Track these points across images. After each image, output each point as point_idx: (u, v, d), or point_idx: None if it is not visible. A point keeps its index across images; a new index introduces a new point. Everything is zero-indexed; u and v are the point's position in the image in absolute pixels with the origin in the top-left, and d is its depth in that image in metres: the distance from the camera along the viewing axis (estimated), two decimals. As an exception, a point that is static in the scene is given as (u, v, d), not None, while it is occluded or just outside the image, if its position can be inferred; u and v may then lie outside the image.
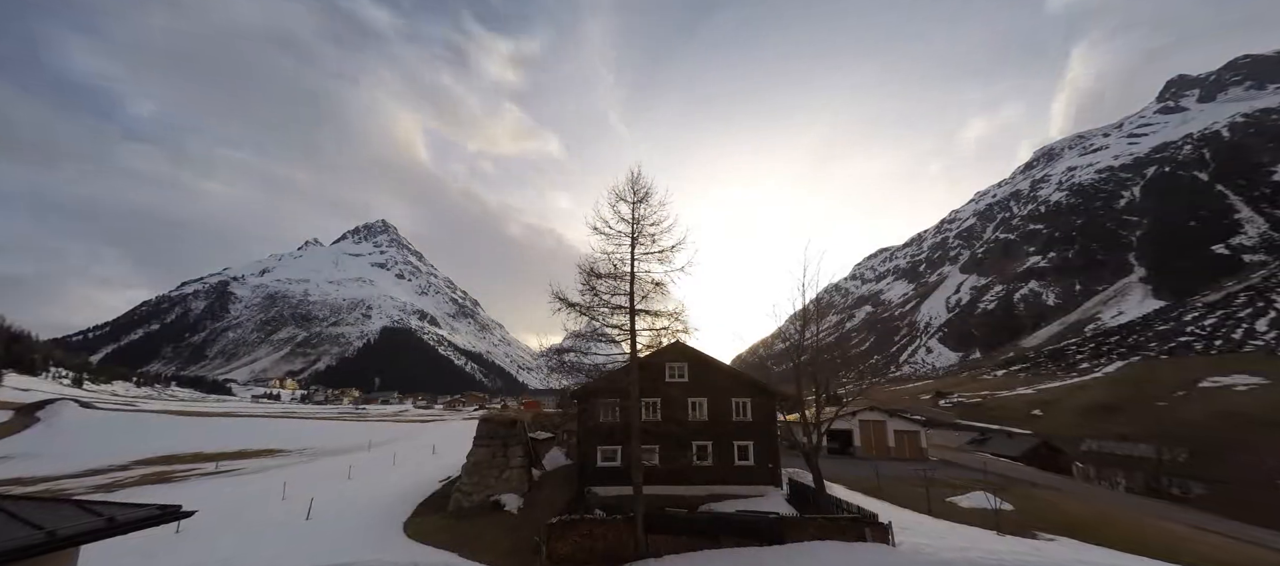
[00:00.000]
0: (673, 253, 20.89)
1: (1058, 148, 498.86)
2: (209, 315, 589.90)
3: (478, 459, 29.93)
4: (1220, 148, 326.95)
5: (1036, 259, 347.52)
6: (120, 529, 7.81)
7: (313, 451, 67.83)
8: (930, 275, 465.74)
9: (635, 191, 21.00)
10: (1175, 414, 76.53)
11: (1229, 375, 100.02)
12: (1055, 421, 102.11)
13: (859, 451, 49.81)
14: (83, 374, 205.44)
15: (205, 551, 22.81)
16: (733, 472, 28.64)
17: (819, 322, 26.32)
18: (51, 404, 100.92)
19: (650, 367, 24.97)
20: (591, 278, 20.86)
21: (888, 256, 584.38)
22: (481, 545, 22.24)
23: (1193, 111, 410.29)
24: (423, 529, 25.20)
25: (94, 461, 59.02)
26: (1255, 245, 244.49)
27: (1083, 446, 72.00)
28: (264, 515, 30.04)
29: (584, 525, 19.83)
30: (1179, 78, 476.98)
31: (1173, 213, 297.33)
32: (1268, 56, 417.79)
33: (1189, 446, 61.43)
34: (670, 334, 21.20)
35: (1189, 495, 53.51)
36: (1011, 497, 29.05)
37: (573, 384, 24.21)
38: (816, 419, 24.23)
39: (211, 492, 39.78)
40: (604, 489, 27.31)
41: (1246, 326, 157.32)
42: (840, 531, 19.62)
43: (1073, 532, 23.91)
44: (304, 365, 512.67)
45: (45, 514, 7.37)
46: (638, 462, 19.59)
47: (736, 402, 29.77)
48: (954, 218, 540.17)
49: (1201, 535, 26.24)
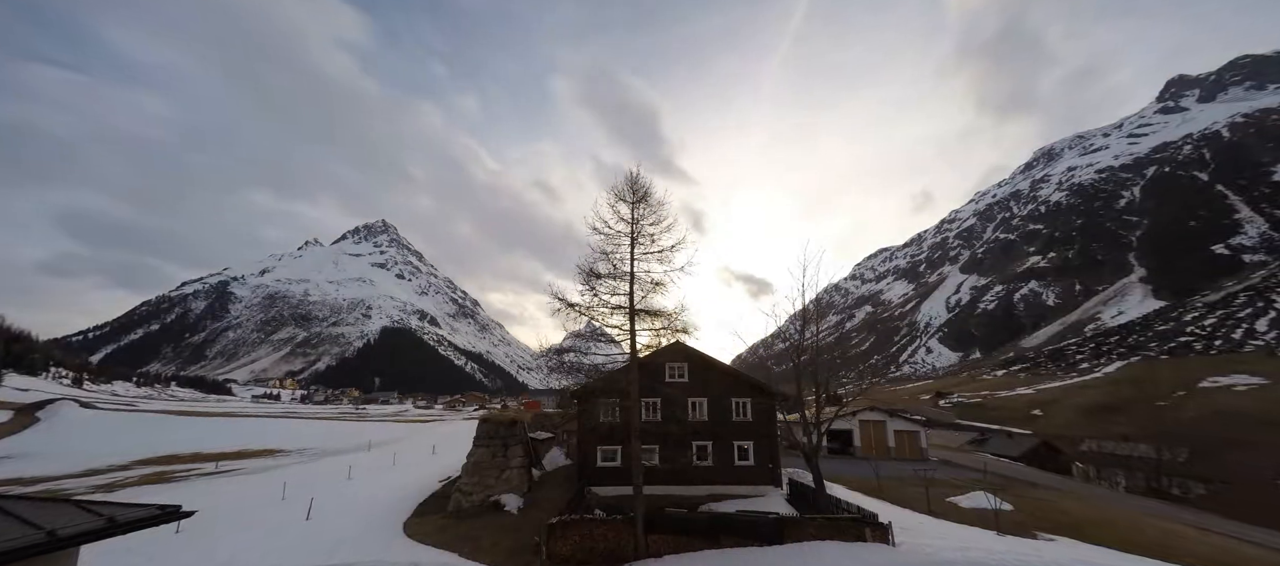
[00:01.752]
0: (672, 252, 20.85)
1: (1058, 148, 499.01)
2: (209, 315, 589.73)
3: (478, 459, 29.93)
4: (1220, 148, 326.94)
5: (1036, 259, 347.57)
6: (120, 529, 7.82)
7: (312, 451, 67.83)
8: (930, 275, 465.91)
9: (634, 191, 20.96)
10: (1175, 414, 76.55)
11: (1229, 375, 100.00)
12: (1055, 421, 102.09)
13: (859, 451, 49.79)
14: (83, 374, 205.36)
15: (205, 551, 22.80)
16: (733, 472, 28.63)
17: (819, 322, 26.30)
18: (51, 404, 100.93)
19: (650, 367, 24.97)
20: (591, 278, 20.81)
21: (888, 256, 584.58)
22: (481, 545, 22.23)
23: (1193, 111, 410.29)
24: (423, 529, 25.20)
25: (94, 461, 59.00)
26: (1255, 245, 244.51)
27: (1083, 446, 71.92)
28: (264, 515, 30.02)
29: (584, 525, 19.80)
30: (1179, 78, 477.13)
31: (1173, 213, 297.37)
32: (1268, 56, 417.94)
33: (1189, 446, 61.38)
34: (670, 334, 21.13)
35: (1189, 495, 53.48)
36: (1011, 498, 29.05)
37: (573, 384, 24.19)
38: (816, 419, 24.22)
39: (211, 492, 39.77)
40: (604, 489, 27.31)
41: (1246, 326, 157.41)
42: (840, 531, 19.60)
43: (1073, 533, 23.91)
44: (304, 365, 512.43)
45: (45, 514, 7.37)
46: (638, 462, 19.58)
47: (736, 402, 29.77)
48: (954, 217, 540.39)
49: (1202, 535, 26.24)
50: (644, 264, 20.82)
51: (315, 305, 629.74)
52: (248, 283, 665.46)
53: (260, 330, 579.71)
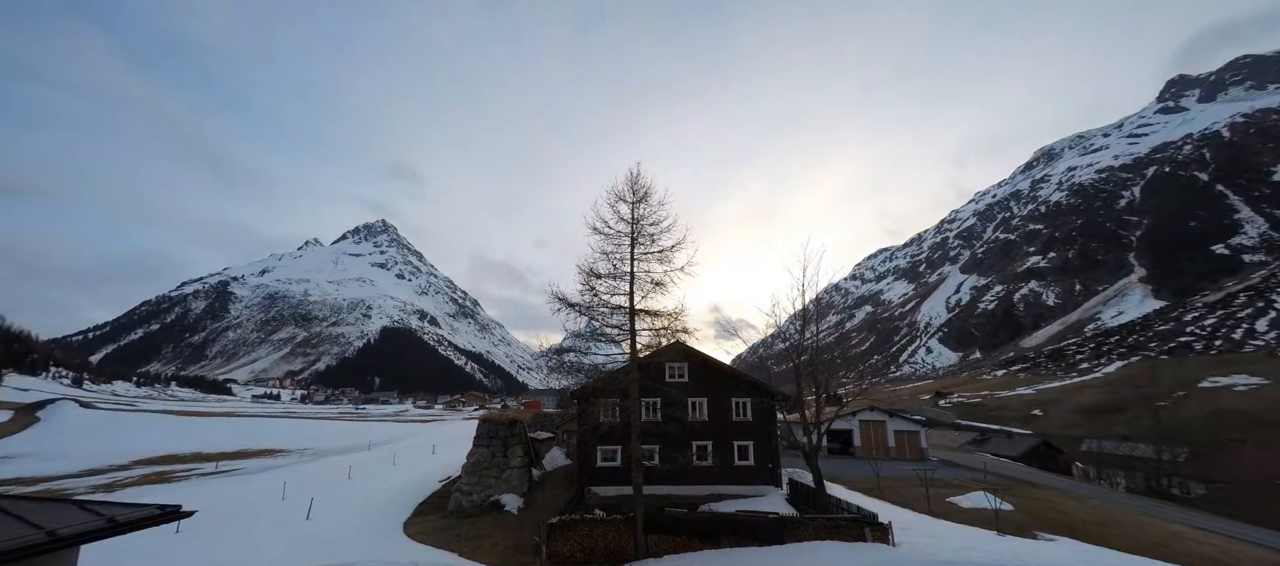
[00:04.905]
0: (672, 252, 20.81)
1: (1058, 148, 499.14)
2: (209, 315, 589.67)
3: (478, 459, 29.94)
4: (1220, 148, 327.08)
5: (1036, 259, 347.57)
6: (120, 529, 7.80)
7: (313, 451, 67.88)
8: (930, 275, 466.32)
9: (635, 191, 20.94)
10: (1175, 414, 76.52)
11: (1229, 375, 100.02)
12: (1055, 421, 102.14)
13: (859, 451, 49.76)
14: (83, 374, 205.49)
15: (205, 551, 22.81)
16: (733, 472, 28.62)
17: (819, 322, 26.29)
18: (51, 404, 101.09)
19: (650, 367, 24.92)
20: (591, 277, 20.80)
21: (888, 256, 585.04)
22: (481, 545, 22.24)
23: (1193, 111, 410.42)
24: (423, 529, 25.21)
25: (94, 461, 59.10)
26: (1255, 245, 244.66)
27: (1083, 446, 71.87)
28: (264, 515, 30.04)
29: (584, 525, 19.80)
30: (1179, 78, 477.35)
31: (1173, 213, 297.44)
32: (1268, 56, 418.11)
33: (1189, 446, 61.34)
34: (670, 334, 21.10)
35: (1189, 495, 53.45)
36: (1011, 498, 29.03)
37: (573, 384, 24.15)
38: (816, 419, 24.22)
39: (211, 492, 39.82)
40: (604, 489, 27.31)
41: (1246, 326, 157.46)
42: (840, 531, 19.60)
43: (1073, 533, 23.89)
44: (304, 365, 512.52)
45: (45, 514, 7.36)
46: (638, 462, 19.57)
47: (736, 402, 29.75)
48: (954, 217, 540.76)
49: (1202, 535, 26.23)
50: (644, 264, 20.80)
51: (315, 305, 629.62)
52: (248, 282, 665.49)
53: (260, 330, 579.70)
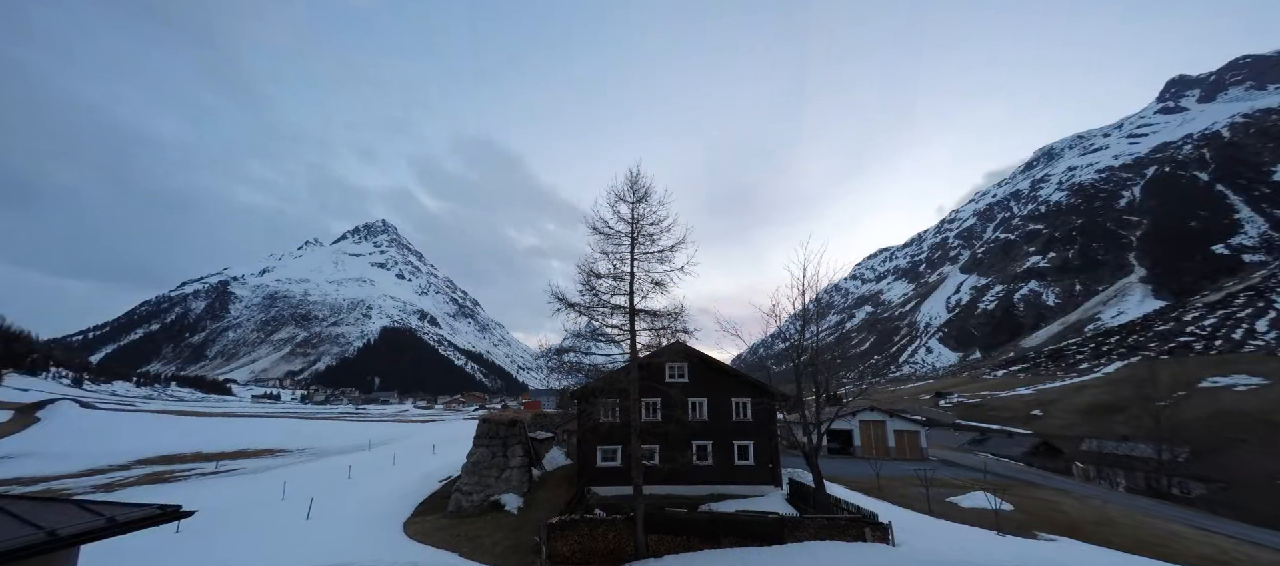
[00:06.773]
0: (672, 252, 20.79)
1: (1058, 148, 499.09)
2: (209, 315, 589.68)
3: (478, 459, 29.94)
4: (1220, 148, 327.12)
5: (1036, 259, 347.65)
6: (120, 529, 7.79)
7: (312, 451, 67.90)
8: (930, 275, 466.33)
9: (634, 191, 20.93)
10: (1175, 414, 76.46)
11: (1229, 375, 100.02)
12: (1055, 421, 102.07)
13: (859, 451, 49.80)
14: (83, 374, 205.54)
15: (205, 551, 22.81)
16: (733, 472, 28.63)
17: (819, 322, 26.27)
18: (51, 404, 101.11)
19: (650, 367, 24.92)
20: (591, 277, 20.79)
21: (888, 256, 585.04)
22: (481, 545, 22.23)
23: (1193, 111, 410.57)
24: (423, 529, 25.20)
25: (94, 461, 59.11)
26: (1255, 245, 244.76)
27: (1083, 446, 71.86)
28: (264, 515, 30.02)
29: (584, 525, 19.79)
30: (1179, 78, 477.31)
31: (1173, 213, 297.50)
32: (1268, 56, 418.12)
33: (1189, 446, 61.32)
34: (670, 334, 21.10)
35: (1189, 495, 53.43)
36: (1011, 498, 29.03)
37: (573, 384, 24.14)
38: (816, 419, 24.20)
39: (211, 492, 39.81)
40: (604, 489, 27.30)
41: (1246, 326, 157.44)
42: (840, 531, 19.60)
43: (1073, 533, 23.89)
44: (304, 365, 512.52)
45: (45, 514, 7.36)
46: (638, 462, 19.57)
47: (736, 402, 29.76)
48: (954, 217, 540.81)
49: (1202, 535, 26.22)
50: (644, 264, 20.79)
51: (315, 305, 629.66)
52: (248, 282, 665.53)
53: (260, 330, 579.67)
